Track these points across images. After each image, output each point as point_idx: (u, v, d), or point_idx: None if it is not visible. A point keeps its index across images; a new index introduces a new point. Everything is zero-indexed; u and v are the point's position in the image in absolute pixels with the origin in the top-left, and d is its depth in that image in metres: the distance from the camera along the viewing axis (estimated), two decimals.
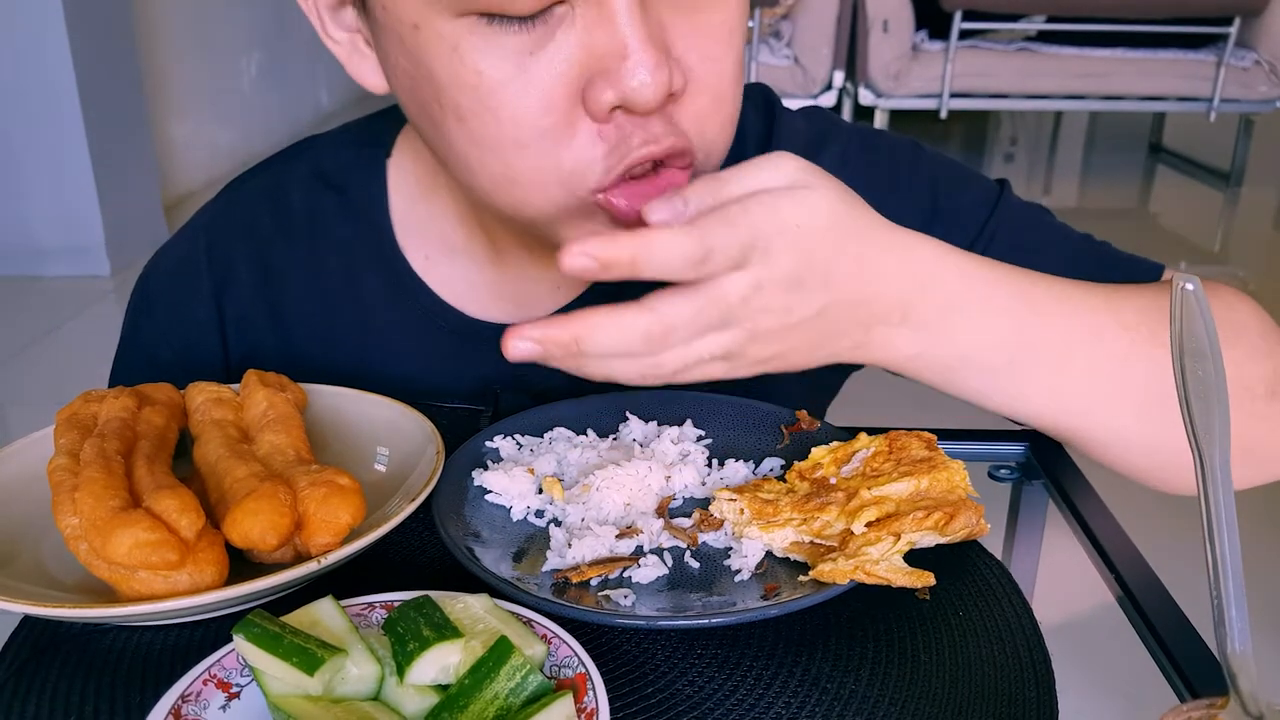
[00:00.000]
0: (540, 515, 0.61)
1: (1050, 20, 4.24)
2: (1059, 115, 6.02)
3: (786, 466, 0.64)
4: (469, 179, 0.59)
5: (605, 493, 0.59)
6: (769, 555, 0.56)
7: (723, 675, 0.49)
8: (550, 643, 0.47)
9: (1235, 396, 0.43)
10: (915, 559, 0.54)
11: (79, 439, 0.58)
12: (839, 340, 0.57)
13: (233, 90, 4.81)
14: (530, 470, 0.62)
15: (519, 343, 0.50)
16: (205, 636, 0.53)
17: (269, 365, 0.69)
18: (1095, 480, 0.68)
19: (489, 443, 0.67)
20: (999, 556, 0.59)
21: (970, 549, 0.58)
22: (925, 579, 0.53)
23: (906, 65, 4.25)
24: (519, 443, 0.67)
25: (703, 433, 0.68)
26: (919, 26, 4.26)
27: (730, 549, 0.57)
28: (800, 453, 0.64)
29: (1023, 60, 4.24)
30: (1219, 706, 0.38)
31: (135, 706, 0.48)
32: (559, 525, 0.59)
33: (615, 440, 0.67)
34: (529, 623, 0.48)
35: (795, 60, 4.32)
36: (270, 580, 0.49)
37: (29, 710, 0.48)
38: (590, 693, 0.44)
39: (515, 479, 0.61)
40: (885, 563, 0.52)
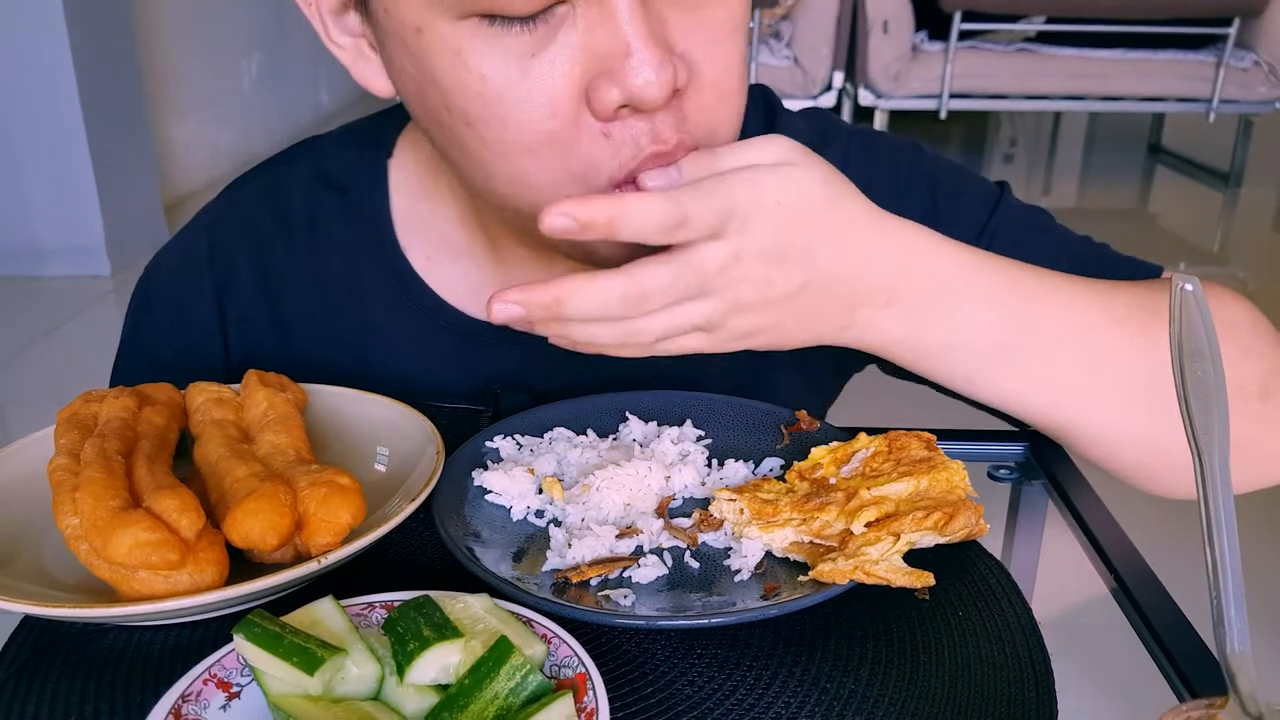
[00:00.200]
0: (540, 515, 0.61)
1: (1050, 21, 4.24)
2: (1058, 116, 6.02)
3: (786, 466, 0.64)
4: (486, 183, 0.59)
5: (605, 493, 0.59)
6: (769, 555, 0.56)
7: (723, 675, 0.49)
8: (550, 643, 0.47)
9: (1228, 396, 0.43)
10: (915, 559, 0.54)
11: (79, 439, 0.58)
12: (824, 320, 0.58)
13: (233, 90, 4.81)
14: (530, 470, 0.63)
15: (502, 306, 0.52)
16: (205, 636, 0.53)
17: (269, 365, 0.69)
18: (1094, 480, 0.68)
19: (489, 443, 0.67)
20: (998, 557, 0.59)
21: (970, 549, 0.58)
22: (925, 579, 0.53)
23: (906, 66, 4.25)
24: (519, 443, 0.67)
25: (702, 433, 0.68)
26: (919, 27, 4.26)
27: (730, 549, 0.57)
28: (800, 453, 0.64)
29: (1022, 61, 4.24)
30: (1218, 706, 0.38)
31: (135, 706, 0.48)
32: (559, 525, 0.59)
33: (615, 440, 0.67)
34: (529, 623, 0.48)
35: (795, 61, 4.32)
36: (270, 580, 0.50)
37: (29, 710, 0.48)
38: (590, 692, 0.44)
39: (515, 479, 0.61)
40: (885, 563, 0.52)
